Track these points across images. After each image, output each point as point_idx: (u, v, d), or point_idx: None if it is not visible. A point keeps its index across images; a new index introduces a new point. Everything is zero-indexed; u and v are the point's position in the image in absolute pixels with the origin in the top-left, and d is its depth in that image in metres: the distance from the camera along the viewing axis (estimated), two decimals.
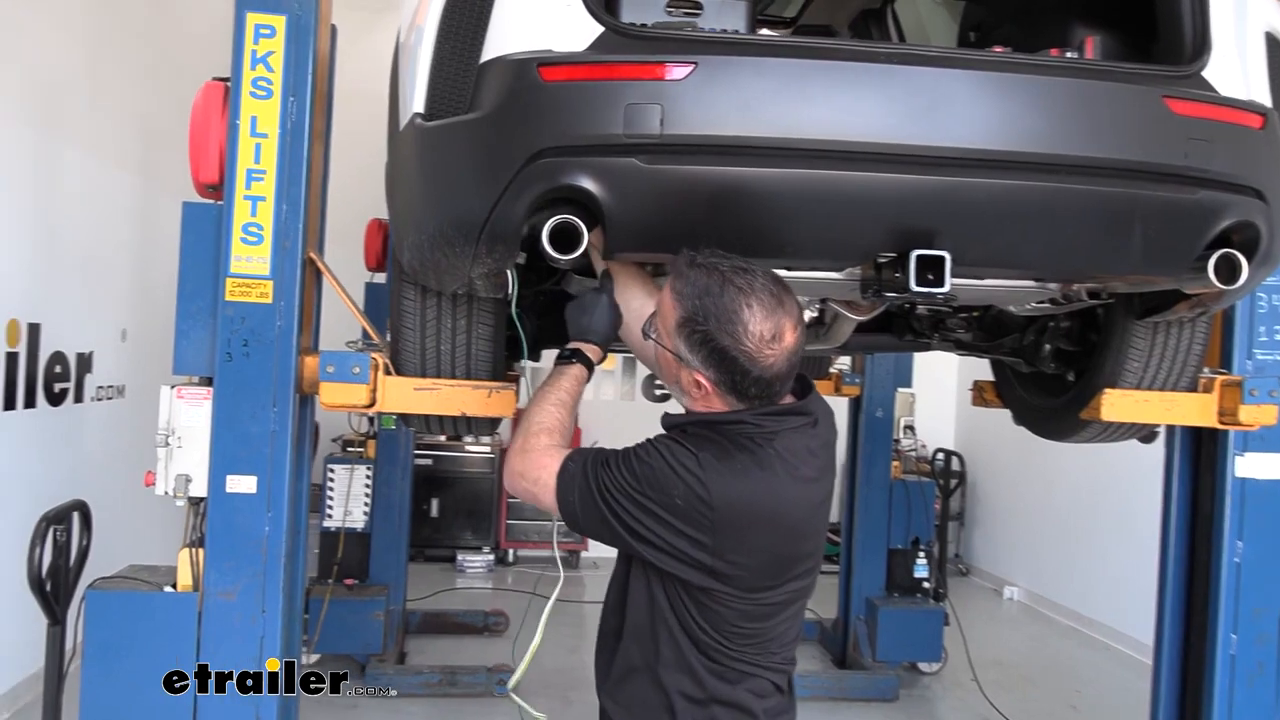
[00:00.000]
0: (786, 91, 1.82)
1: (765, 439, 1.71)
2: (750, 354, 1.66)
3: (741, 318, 1.65)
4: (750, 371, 1.67)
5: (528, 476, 1.79)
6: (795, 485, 1.72)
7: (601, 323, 2.00)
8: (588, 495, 1.71)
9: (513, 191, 1.86)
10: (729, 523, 1.66)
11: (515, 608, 6.53)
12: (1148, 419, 2.78)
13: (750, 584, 1.71)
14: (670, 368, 1.79)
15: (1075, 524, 7.20)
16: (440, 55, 1.95)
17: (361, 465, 5.48)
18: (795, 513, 1.74)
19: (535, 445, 1.81)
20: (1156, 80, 1.96)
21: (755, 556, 1.70)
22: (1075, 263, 2.05)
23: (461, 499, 8.14)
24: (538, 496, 1.78)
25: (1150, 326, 2.64)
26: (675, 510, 1.65)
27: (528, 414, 1.88)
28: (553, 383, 1.94)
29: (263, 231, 2.57)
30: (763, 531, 1.70)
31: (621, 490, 1.68)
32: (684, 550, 1.66)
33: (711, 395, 1.74)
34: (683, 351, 1.72)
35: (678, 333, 1.72)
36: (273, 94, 2.57)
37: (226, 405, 2.55)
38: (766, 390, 1.71)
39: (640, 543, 1.69)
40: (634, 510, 1.67)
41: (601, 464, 1.72)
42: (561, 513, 1.75)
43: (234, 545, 2.55)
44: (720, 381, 1.70)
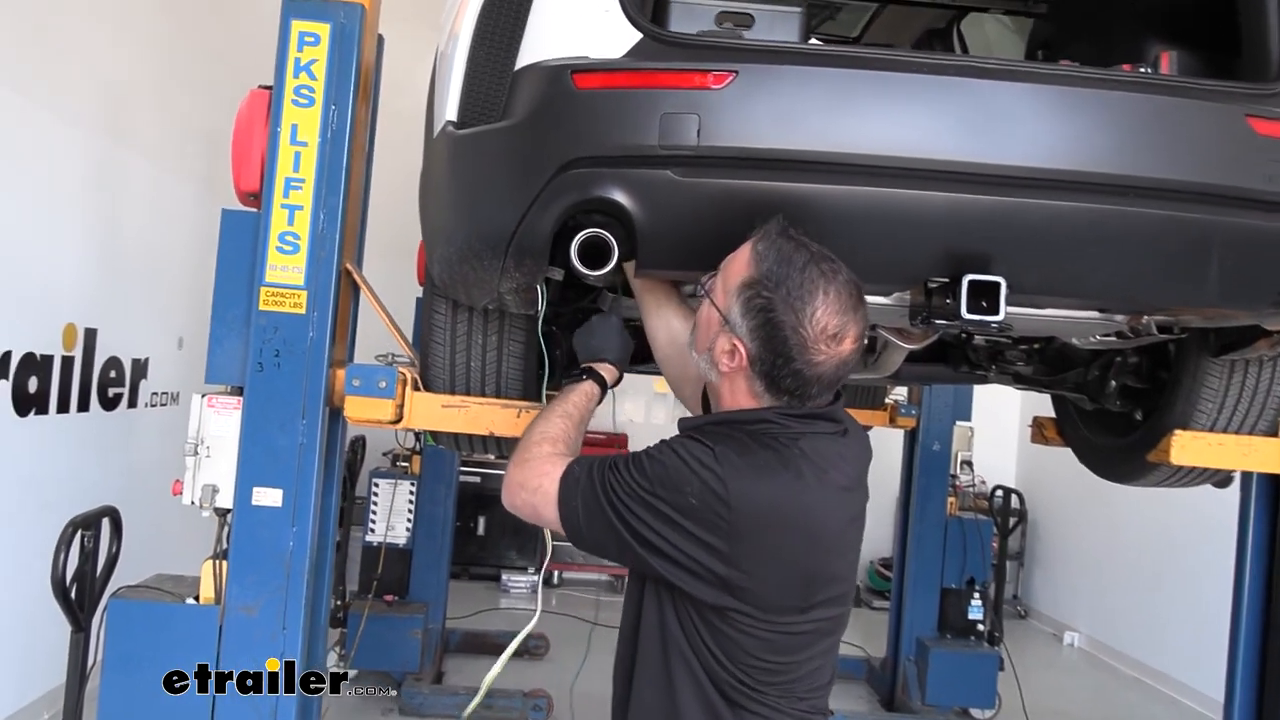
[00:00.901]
0: (832, 103, 1.72)
1: (790, 439, 1.58)
2: (805, 342, 1.53)
3: (815, 300, 1.53)
4: (794, 360, 1.54)
5: (527, 486, 1.66)
6: (824, 491, 1.58)
7: (612, 343, 1.91)
8: (593, 501, 1.57)
9: (542, 202, 1.79)
10: (748, 526, 1.51)
11: (557, 631, 6.43)
12: (1222, 464, 2.59)
13: (771, 603, 1.55)
14: (708, 329, 1.65)
15: (1144, 568, 6.87)
16: (475, 62, 1.90)
17: (406, 480, 5.45)
18: (824, 521, 1.58)
19: (536, 454, 1.70)
20: (1239, 98, 1.81)
21: (776, 569, 1.55)
22: (1144, 293, 1.91)
23: (508, 518, 7.79)
24: (538, 509, 1.64)
25: (1226, 364, 2.46)
26: (688, 511, 1.51)
27: (529, 426, 1.78)
28: (561, 397, 1.84)
29: (299, 241, 2.54)
30: (786, 539, 1.54)
31: (630, 492, 1.54)
32: (697, 559, 1.51)
33: (739, 372, 1.60)
34: (734, 312, 1.58)
35: (739, 291, 1.58)
36: (314, 102, 2.54)
37: (256, 416, 2.51)
38: (800, 390, 1.57)
39: (649, 551, 1.54)
40: (643, 513, 1.53)
41: (609, 467, 1.59)
42: (563, 523, 1.61)
43: (257, 559, 2.50)
44: (758, 358, 1.56)
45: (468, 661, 5.96)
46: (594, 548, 1.62)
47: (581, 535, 1.61)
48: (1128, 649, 7.01)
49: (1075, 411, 3.12)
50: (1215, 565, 6.02)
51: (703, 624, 1.57)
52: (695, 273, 1.91)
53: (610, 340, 1.92)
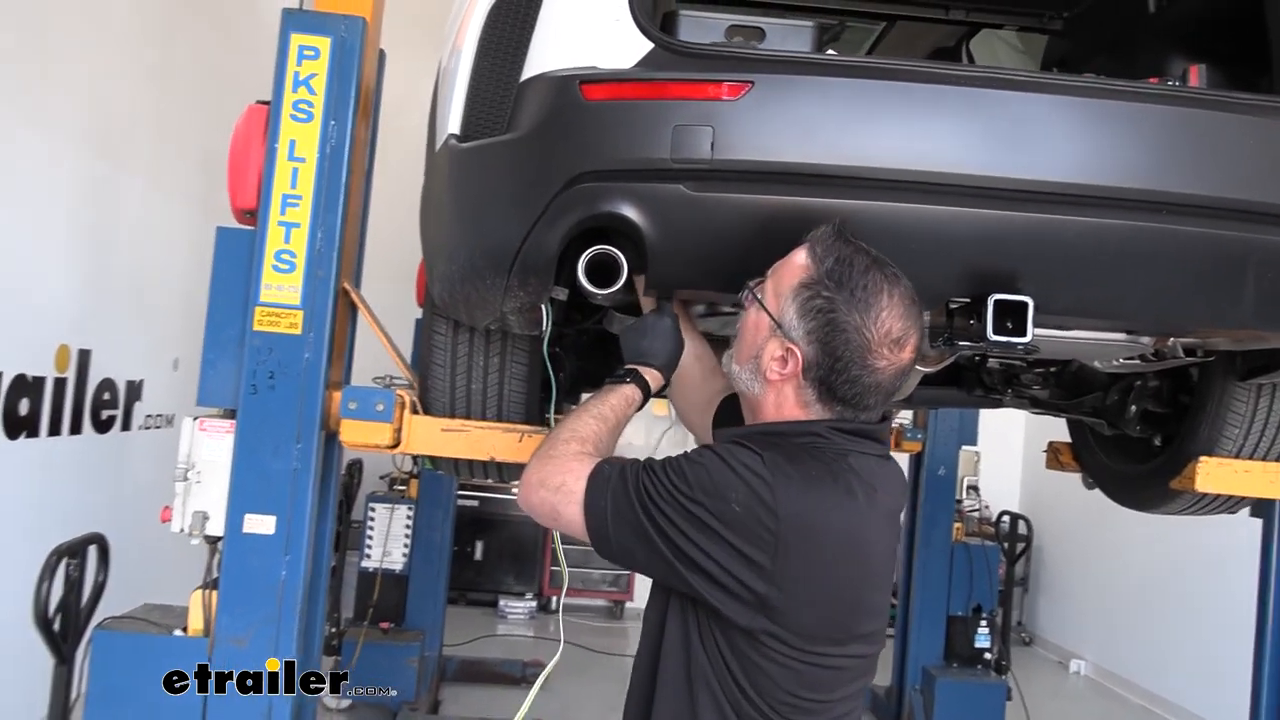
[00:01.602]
0: (853, 115, 1.64)
1: (838, 454, 1.48)
2: (869, 345, 1.45)
3: (880, 301, 1.45)
4: (854, 365, 1.45)
5: (548, 484, 1.52)
6: (873, 513, 1.47)
7: (663, 347, 1.79)
8: (624, 503, 1.45)
9: (548, 218, 1.71)
10: (796, 540, 1.39)
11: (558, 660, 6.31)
12: (1249, 491, 2.51)
13: (809, 629, 1.43)
14: (756, 336, 1.55)
15: (1152, 596, 6.77)
16: (479, 72, 1.83)
17: (403, 505, 5.36)
18: (872, 545, 1.48)
19: (562, 451, 1.56)
20: (1275, 113, 1.74)
21: (820, 591, 1.44)
22: (1176, 314, 1.83)
23: (506, 542, 7.99)
24: (558, 509, 1.51)
25: (1253, 389, 2.39)
26: (731, 520, 1.39)
27: (561, 424, 1.65)
28: (597, 397, 1.70)
29: (295, 259, 2.46)
30: (833, 559, 1.43)
31: (666, 495, 1.42)
32: (735, 573, 1.39)
33: (789, 380, 1.51)
34: (788, 316, 1.49)
35: (794, 294, 1.49)
36: (313, 117, 2.47)
37: (249, 439, 2.42)
38: (855, 400, 1.48)
39: (682, 562, 1.41)
40: (679, 520, 1.41)
41: (644, 468, 1.47)
42: (587, 526, 1.48)
43: (248, 588, 2.41)
44: (815, 362, 1.47)
45: (464, 690, 5.84)
46: (618, 555, 1.49)
47: (607, 540, 1.48)
48: (1135, 677, 6.90)
49: (1092, 436, 3.04)
50: (1221, 593, 5.96)
51: (730, 651, 1.45)
52: (707, 291, 1.84)
53: (661, 342, 1.79)
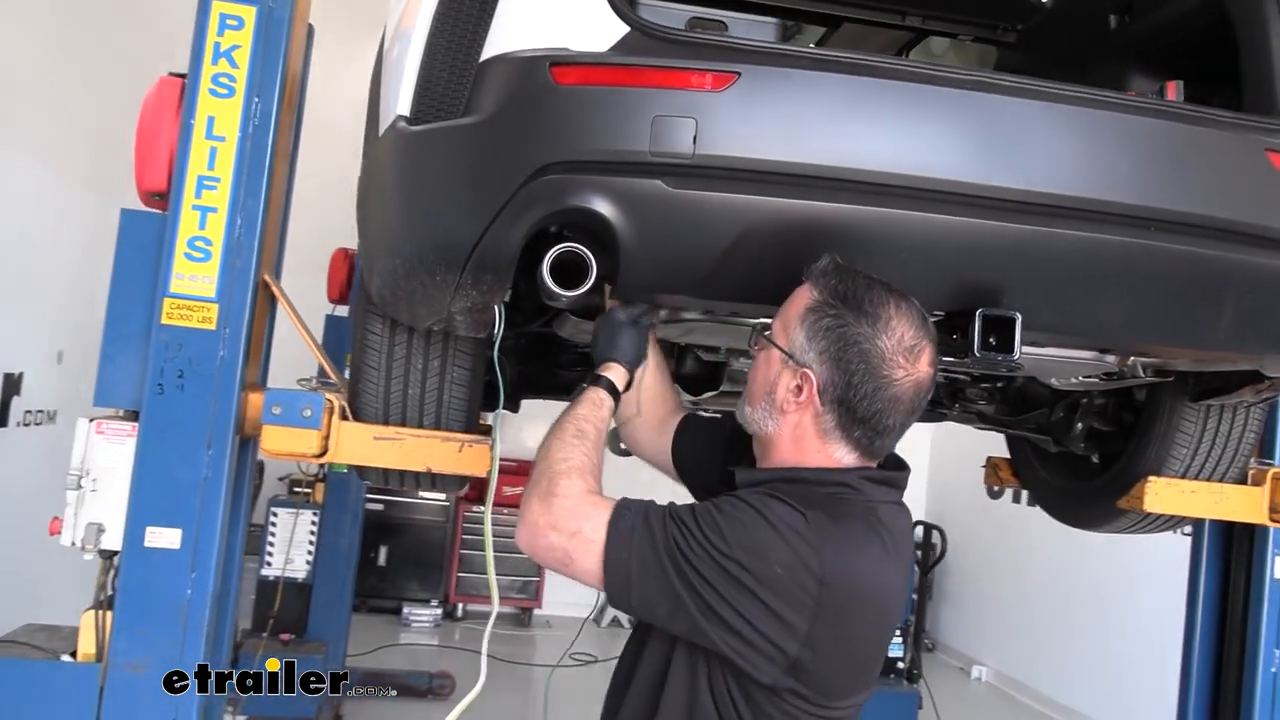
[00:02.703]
0: (846, 113, 1.55)
1: (869, 507, 1.41)
2: (883, 354, 1.38)
3: (888, 310, 1.39)
4: (870, 378, 1.38)
5: (561, 528, 1.40)
6: (898, 568, 1.43)
7: (631, 344, 1.68)
8: (650, 557, 1.34)
9: (510, 212, 1.57)
10: (836, 606, 1.33)
11: (463, 669, 6.11)
12: (1194, 513, 2.52)
13: (832, 687, 1.38)
14: (768, 373, 1.48)
15: (1052, 603, 6.94)
16: (434, 49, 1.66)
17: (308, 510, 5.08)
18: (896, 601, 1.45)
19: (568, 490, 1.43)
20: (1259, 131, 1.71)
21: (850, 652, 1.39)
22: (1155, 334, 1.79)
23: (412, 548, 7.72)
24: (572, 556, 1.39)
25: (1202, 410, 2.39)
26: (771, 582, 1.31)
27: (545, 451, 1.52)
28: (572, 412, 1.59)
29: (211, 248, 2.24)
30: (866, 619, 1.39)
31: (700, 551, 1.32)
32: (769, 635, 1.31)
33: (806, 409, 1.43)
34: (798, 342, 1.43)
35: (802, 320, 1.43)
36: (235, 93, 2.26)
37: (153, 445, 2.20)
38: (876, 420, 1.40)
39: (711, 620, 1.32)
40: (713, 578, 1.31)
41: (670, 517, 1.37)
42: (606, 580, 1.37)
43: (149, 609, 2.18)
44: (830, 382, 1.40)
45: (367, 705, 5.58)
46: (639, 609, 1.39)
47: (627, 595, 1.37)
48: (1035, 683, 7.05)
49: (1034, 453, 3.03)
50: (1119, 601, 6.14)
51: (745, 703, 1.37)
52: (679, 298, 1.71)
53: (629, 340, 1.69)
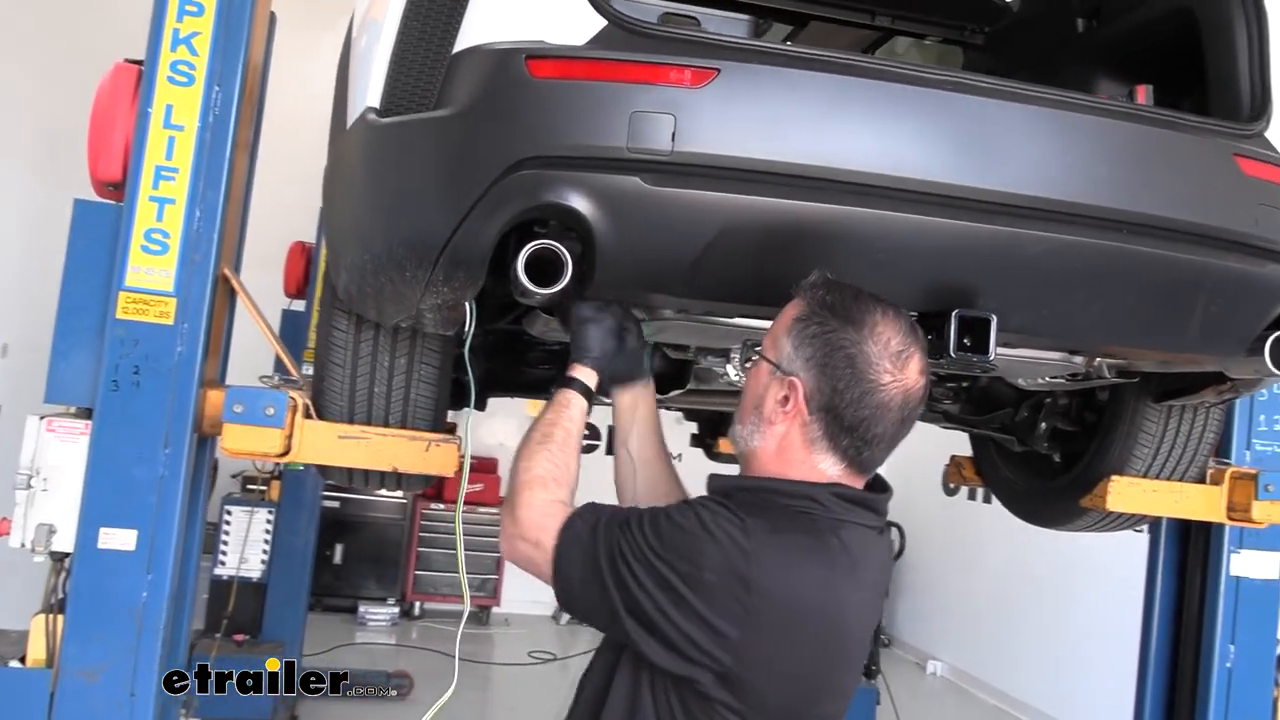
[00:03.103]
0: (825, 113, 1.53)
1: (830, 525, 1.37)
2: (869, 358, 1.36)
3: (874, 316, 1.38)
4: (855, 384, 1.36)
5: (527, 538, 1.44)
6: (855, 593, 1.38)
7: (597, 343, 1.65)
8: (591, 561, 1.36)
9: (484, 208, 1.53)
10: (768, 617, 1.30)
11: (421, 668, 6.04)
12: (1154, 510, 2.55)
13: (768, 706, 1.34)
14: (756, 387, 1.46)
15: (1004, 600, 7.04)
16: (405, 38, 1.62)
17: (263, 508, 4.99)
18: (847, 626, 1.39)
19: (529, 500, 1.47)
20: (1228, 136, 1.73)
21: (786, 671, 1.34)
22: (1126, 335, 1.81)
23: (368, 546, 7.61)
24: (537, 566, 1.42)
25: (1164, 410, 2.42)
26: (701, 587, 1.29)
27: (515, 459, 1.54)
28: (540, 417, 1.58)
29: (169, 240, 2.18)
30: (805, 639, 1.35)
31: (638, 553, 1.33)
32: (698, 643, 1.30)
33: (793, 420, 1.40)
34: (785, 352, 1.41)
35: (788, 331, 1.42)
36: (194, 81, 2.20)
37: (107, 443, 2.13)
38: (864, 428, 1.37)
39: (642, 626, 1.32)
40: (647, 581, 1.31)
41: (620, 524, 1.37)
42: (555, 583, 1.40)
43: (102, 613, 2.11)
44: (817, 389, 1.38)
45: (323, 705, 5.49)
46: (583, 615, 1.40)
47: (573, 599, 1.39)
48: (989, 677, 7.15)
49: (997, 453, 3.05)
50: (1071, 597, 6.25)
51: (683, 713, 1.34)
52: (654, 296, 1.69)
53: (599, 337, 1.66)
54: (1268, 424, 2.77)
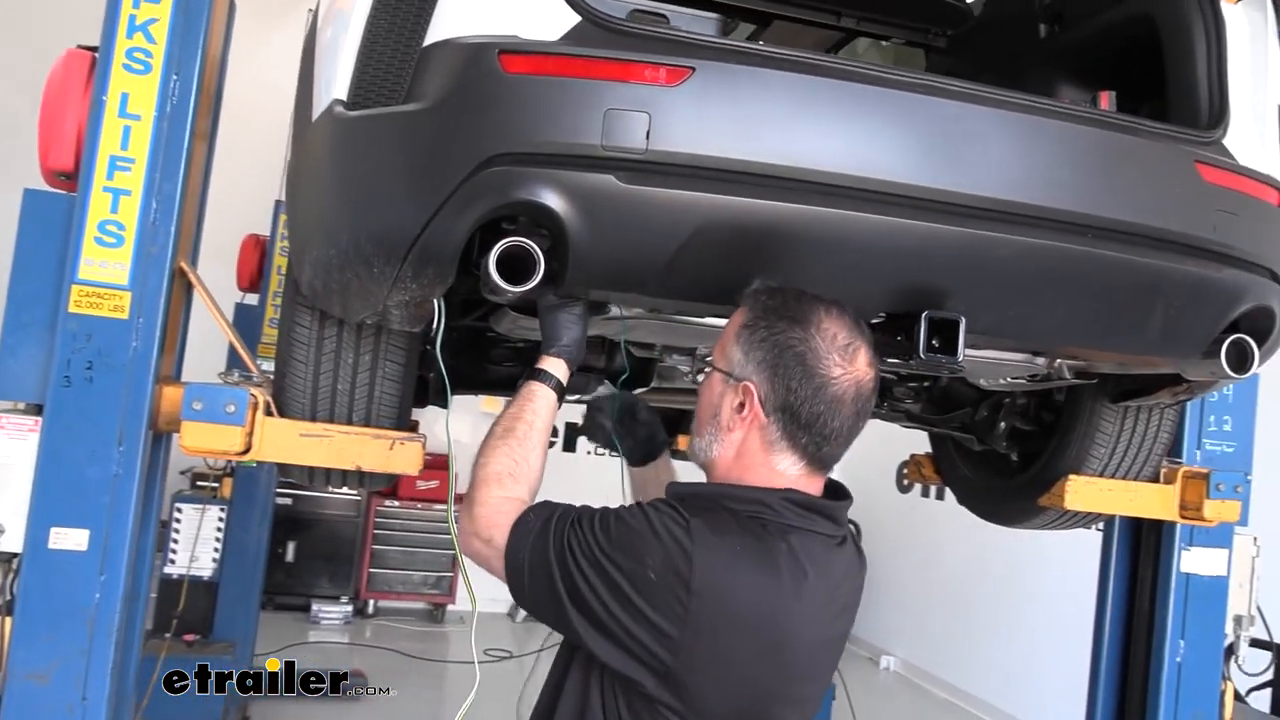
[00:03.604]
0: (800, 113, 1.53)
1: (779, 530, 1.38)
2: (818, 353, 1.38)
3: (818, 313, 1.41)
4: (807, 381, 1.37)
5: (481, 535, 1.46)
6: (800, 600, 1.37)
7: (566, 333, 1.65)
8: (541, 555, 1.37)
9: (455, 204, 1.51)
10: (707, 618, 1.30)
11: (375, 667, 5.98)
12: (1111, 509, 2.60)
13: (707, 709, 1.34)
14: (711, 396, 1.48)
15: (955, 595, 7.14)
16: (374, 30, 1.60)
17: (214, 505, 4.89)
18: (794, 634, 1.38)
19: (484, 497, 1.48)
20: (1188, 143, 1.77)
21: (726, 675, 1.34)
22: (1089, 337, 1.84)
23: (321, 543, 7.51)
24: (491, 563, 1.44)
25: (1120, 410, 2.47)
26: (643, 585, 1.31)
27: (478, 455, 1.54)
28: (508, 412, 1.58)
29: (124, 233, 2.12)
30: (743, 645, 1.34)
31: (585, 550, 1.35)
32: (641, 640, 1.31)
33: (751, 425, 1.42)
34: (735, 360, 1.44)
35: (736, 338, 1.45)
36: (151, 69, 2.14)
37: (58, 440, 2.07)
38: (821, 423, 1.39)
39: (588, 621, 1.33)
40: (592, 575, 1.33)
41: (571, 521, 1.39)
42: (507, 577, 1.41)
43: (53, 615, 2.05)
44: (771, 390, 1.40)
45: (275, 705, 5.40)
46: (533, 609, 1.40)
47: (524, 593, 1.40)
48: (941, 673, 7.25)
49: (956, 451, 3.09)
50: (1022, 593, 6.36)
51: (628, 712, 1.36)
52: (626, 295, 1.68)
53: (571, 327, 1.67)
54: (1217, 424, 2.83)
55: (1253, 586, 2.94)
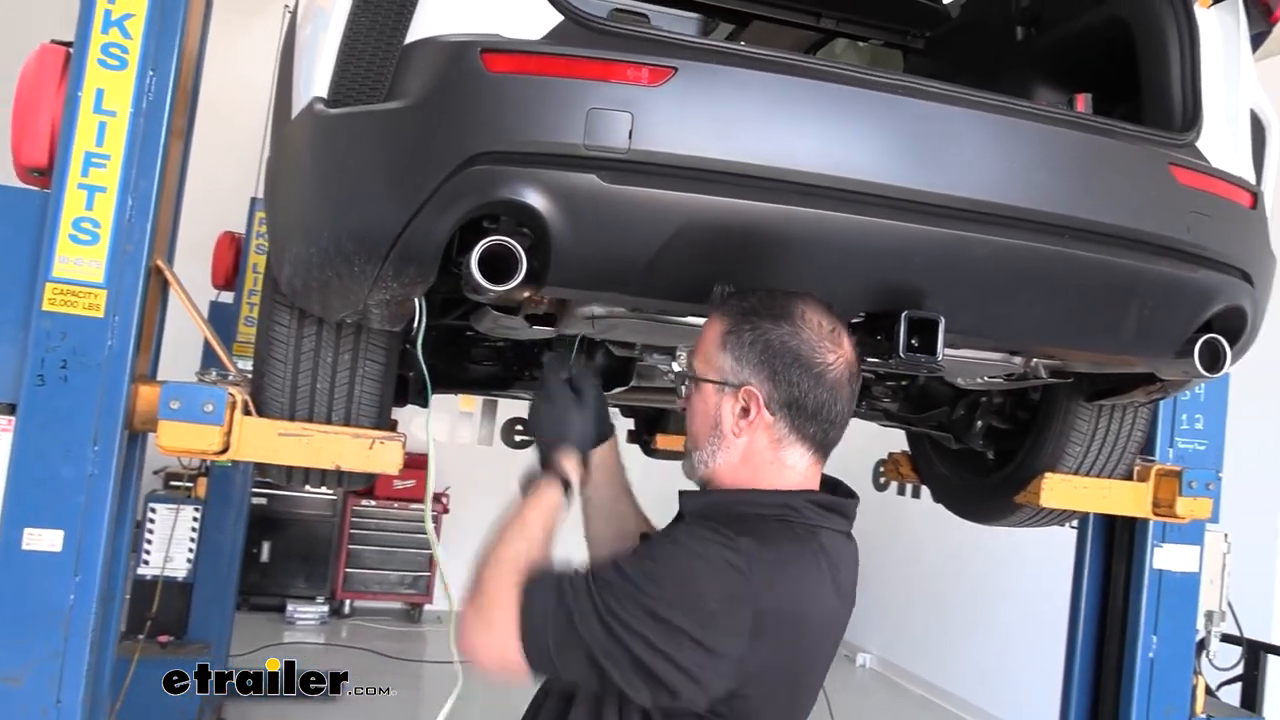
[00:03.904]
0: (782, 114, 1.54)
1: (810, 531, 1.38)
2: (811, 343, 1.38)
3: (796, 307, 1.41)
4: (807, 373, 1.38)
5: (494, 637, 1.31)
6: (835, 597, 1.39)
7: (584, 424, 1.61)
8: (569, 631, 1.27)
9: (437, 203, 1.51)
10: (770, 631, 1.29)
11: (351, 667, 5.94)
12: (1085, 507, 2.63)
13: (763, 716, 1.34)
14: (706, 408, 1.44)
15: (930, 592, 7.20)
16: (355, 27, 1.59)
17: (189, 505, 4.84)
18: (835, 630, 1.41)
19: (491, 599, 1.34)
20: (1163, 145, 1.79)
21: (787, 681, 1.36)
22: (1066, 337, 1.86)
23: (296, 543, 7.46)
24: (508, 662, 1.30)
25: (1095, 409, 2.50)
26: (708, 621, 1.26)
27: (478, 563, 1.41)
28: (516, 515, 1.48)
29: (100, 230, 2.10)
30: (803, 648, 1.36)
31: (635, 612, 1.26)
32: (706, 669, 1.26)
33: (758, 426, 1.40)
34: (727, 366, 1.42)
35: (722, 345, 1.43)
36: (128, 65, 2.11)
37: (32, 440, 2.04)
38: (826, 410, 1.40)
39: (641, 679, 1.26)
40: (651, 635, 1.25)
41: (598, 585, 1.29)
42: (532, 666, 1.30)
43: (26, 616, 2.02)
44: (775, 391, 1.39)
45: (252, 706, 5.36)
46: (570, 678, 1.33)
47: (555, 670, 1.32)
48: (918, 669, 7.31)
49: (933, 450, 3.11)
50: (996, 590, 6.42)
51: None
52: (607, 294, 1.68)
53: (583, 419, 1.62)
54: (1189, 423, 2.88)
55: (1224, 582, 2.99)
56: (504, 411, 8.34)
